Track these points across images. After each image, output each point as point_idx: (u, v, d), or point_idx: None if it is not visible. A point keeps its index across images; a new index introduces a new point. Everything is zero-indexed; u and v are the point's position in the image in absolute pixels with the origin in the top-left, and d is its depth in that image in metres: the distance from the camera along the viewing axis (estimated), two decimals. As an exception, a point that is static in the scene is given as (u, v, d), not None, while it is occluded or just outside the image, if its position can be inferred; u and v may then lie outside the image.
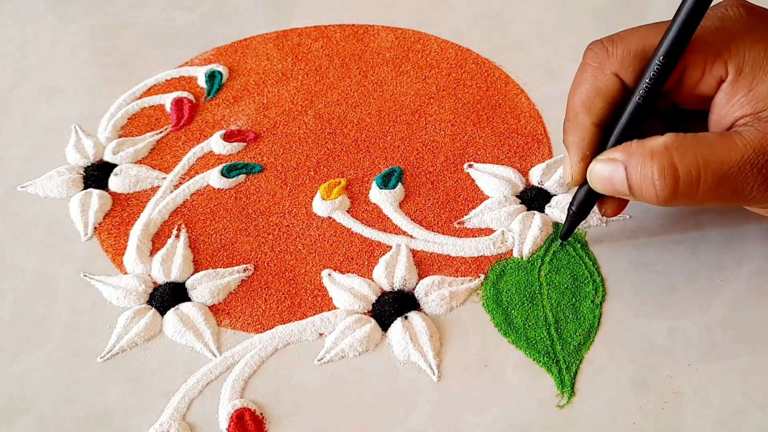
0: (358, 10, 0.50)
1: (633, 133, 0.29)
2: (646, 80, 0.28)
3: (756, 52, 0.27)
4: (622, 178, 0.28)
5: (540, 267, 0.34)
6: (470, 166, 0.39)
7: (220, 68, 0.46)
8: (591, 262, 0.34)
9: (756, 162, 0.27)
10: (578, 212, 0.33)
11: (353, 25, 0.49)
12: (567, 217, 0.33)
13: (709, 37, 0.28)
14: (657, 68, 0.28)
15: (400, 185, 0.39)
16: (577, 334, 0.32)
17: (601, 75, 0.29)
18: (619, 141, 0.29)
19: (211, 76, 0.45)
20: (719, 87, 0.28)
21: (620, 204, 0.32)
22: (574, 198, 0.33)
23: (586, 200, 0.32)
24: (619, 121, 0.30)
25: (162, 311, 0.34)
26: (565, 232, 0.34)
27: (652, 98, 0.29)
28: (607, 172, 0.29)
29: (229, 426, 0.30)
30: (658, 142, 0.27)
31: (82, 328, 0.34)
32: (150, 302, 0.34)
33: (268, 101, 0.44)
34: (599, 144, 0.30)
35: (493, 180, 0.38)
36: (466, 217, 0.37)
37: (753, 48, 0.28)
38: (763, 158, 0.27)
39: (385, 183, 0.39)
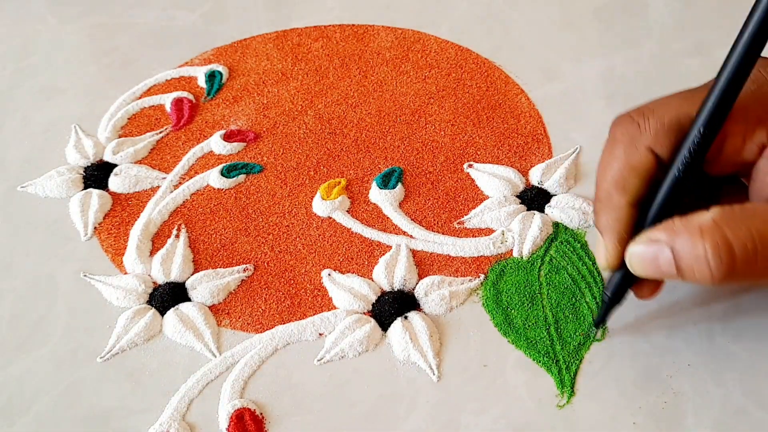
0: (358, 10, 0.50)
1: (672, 210, 0.27)
2: (685, 153, 0.26)
3: None
4: (668, 260, 0.26)
5: (540, 267, 0.34)
6: (470, 166, 0.39)
7: (220, 68, 0.46)
8: (591, 262, 0.34)
9: None
10: (614, 298, 0.30)
11: (353, 25, 0.49)
12: (602, 304, 0.31)
13: (746, 102, 0.26)
14: (697, 140, 0.26)
15: (400, 185, 0.39)
16: (577, 334, 0.32)
17: (634, 151, 0.28)
18: (657, 219, 0.27)
19: (211, 76, 0.45)
20: (761, 153, 0.27)
21: (657, 284, 0.30)
22: (608, 282, 0.30)
23: (623, 284, 0.30)
24: (657, 198, 0.28)
25: (162, 311, 0.34)
26: (599, 320, 0.32)
27: (692, 172, 0.27)
28: (650, 254, 0.27)
29: (229, 426, 0.30)
30: (705, 218, 0.25)
31: (82, 328, 0.34)
32: (150, 302, 0.34)
33: (268, 101, 0.44)
34: (635, 224, 0.28)
35: (493, 180, 0.38)
36: (466, 217, 0.37)
37: None
38: None
39: (385, 183, 0.39)
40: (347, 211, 0.38)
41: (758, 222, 0.25)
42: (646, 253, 0.27)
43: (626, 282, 0.29)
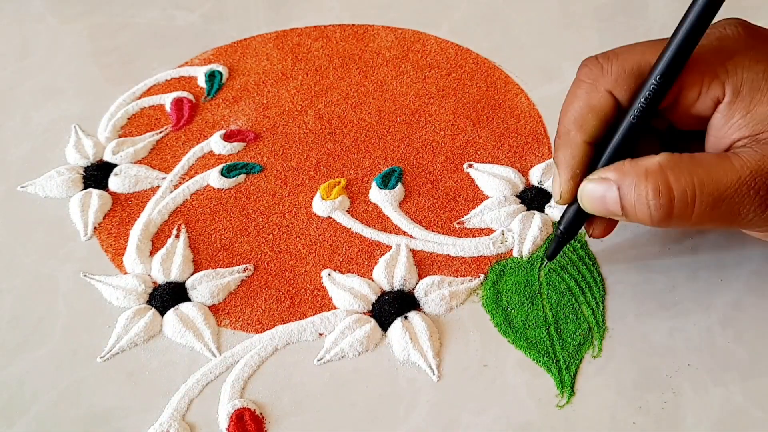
0: (358, 10, 0.50)
1: (626, 152, 0.28)
2: (641, 99, 0.28)
3: (754, 73, 0.27)
4: (614, 198, 0.27)
5: (540, 267, 0.34)
6: (470, 166, 0.39)
7: (220, 68, 0.46)
8: (591, 262, 0.34)
9: (753, 184, 0.26)
10: (566, 232, 0.31)
11: (353, 25, 0.49)
12: (554, 237, 0.32)
13: (706, 56, 0.27)
14: (653, 88, 0.27)
15: (400, 185, 0.39)
16: (577, 334, 0.32)
17: (594, 92, 0.29)
18: (611, 160, 0.28)
19: (211, 76, 0.45)
20: (716, 108, 0.28)
21: (609, 225, 0.31)
22: (561, 218, 0.32)
23: (575, 220, 0.31)
24: (612, 139, 0.29)
25: (162, 311, 0.34)
26: (552, 252, 0.33)
27: (647, 118, 0.28)
28: (599, 191, 0.28)
29: (228, 426, 0.30)
30: (652, 161, 0.27)
31: (82, 328, 0.34)
32: (150, 302, 0.34)
33: (268, 101, 0.44)
34: (591, 163, 0.29)
35: (493, 180, 0.38)
36: (465, 217, 0.37)
37: (751, 69, 0.27)
38: (761, 180, 0.26)
39: (385, 183, 0.39)
40: (347, 211, 0.38)
41: (701, 171, 0.26)
42: (595, 191, 0.28)
43: (579, 218, 0.31)
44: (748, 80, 0.27)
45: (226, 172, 0.40)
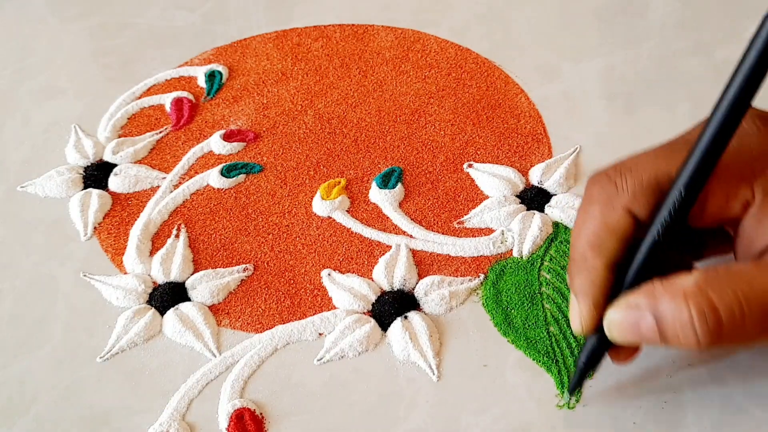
0: (358, 10, 0.50)
1: (650, 272, 0.26)
2: (665, 215, 0.25)
3: None
4: (651, 326, 0.25)
5: (540, 267, 0.34)
6: (470, 165, 0.39)
7: (220, 68, 0.46)
8: (591, 262, 0.34)
9: None
10: (589, 363, 0.29)
11: (353, 25, 0.49)
12: (576, 370, 0.29)
13: (727, 158, 0.25)
14: (677, 202, 0.25)
15: (399, 185, 0.39)
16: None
17: (611, 211, 0.26)
18: (636, 282, 0.26)
19: (211, 76, 0.45)
20: (746, 211, 0.26)
21: (636, 349, 0.29)
22: (583, 347, 0.29)
23: (598, 349, 0.28)
24: (635, 261, 0.26)
25: (162, 311, 0.34)
26: (574, 386, 0.30)
27: (673, 234, 0.25)
28: (631, 320, 0.25)
29: (228, 426, 0.30)
30: (688, 281, 0.24)
31: (82, 328, 0.34)
32: (150, 302, 0.34)
33: (268, 101, 0.44)
34: (612, 287, 0.27)
35: (493, 180, 0.38)
36: (465, 217, 0.37)
37: None
38: None
39: (385, 183, 0.39)
40: (347, 211, 0.38)
41: (743, 285, 0.24)
42: (626, 320, 0.25)
43: (602, 347, 0.28)
44: None
45: (226, 172, 0.40)
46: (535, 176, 0.38)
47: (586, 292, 0.27)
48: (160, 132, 0.43)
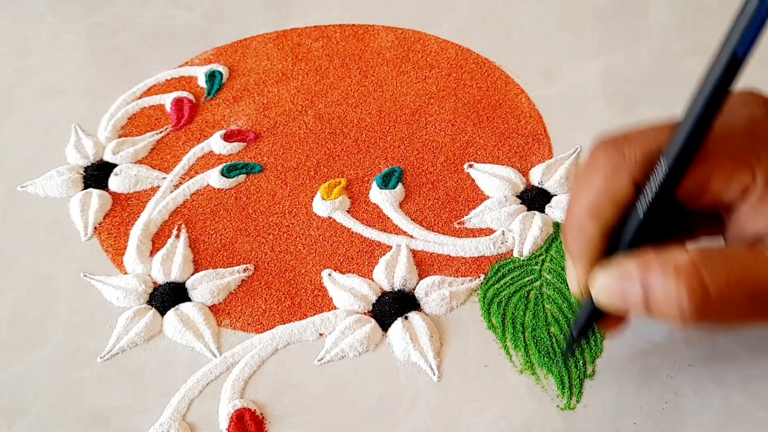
0: (358, 10, 0.50)
1: (641, 242, 0.26)
2: (655, 186, 0.25)
3: None
4: (637, 295, 0.25)
5: (540, 267, 0.34)
6: (470, 166, 0.39)
7: (220, 68, 0.46)
8: (591, 262, 0.34)
9: None
10: (581, 330, 0.29)
11: (353, 25, 0.49)
12: (569, 336, 0.30)
13: (735, 140, 0.25)
14: (664, 176, 0.25)
15: (400, 185, 0.39)
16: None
17: (616, 178, 0.26)
18: (628, 250, 0.26)
19: (211, 76, 0.45)
20: (744, 196, 0.25)
21: (623, 321, 0.29)
22: (576, 319, 0.29)
23: (591, 317, 0.28)
24: (628, 229, 0.26)
25: (162, 311, 0.34)
26: (568, 353, 0.31)
27: (661, 206, 0.26)
28: (618, 286, 0.25)
29: (229, 426, 0.30)
30: (683, 257, 0.24)
31: (82, 328, 0.34)
32: (150, 302, 0.34)
33: (268, 101, 0.44)
34: (605, 251, 0.27)
35: (494, 180, 0.38)
36: (466, 217, 0.37)
37: None
38: None
39: (385, 183, 0.39)
40: (347, 211, 0.38)
41: (737, 268, 0.24)
42: (614, 286, 0.26)
43: (594, 315, 0.28)
44: None
45: (227, 172, 0.40)
46: (536, 176, 0.38)
47: (582, 257, 0.27)
48: (161, 132, 0.43)
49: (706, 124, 0.24)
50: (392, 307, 0.33)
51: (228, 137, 0.42)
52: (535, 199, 0.37)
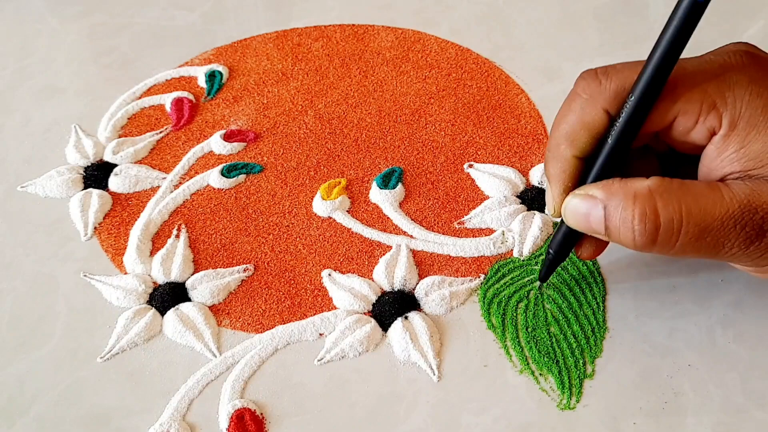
0: (358, 10, 0.50)
1: (613, 170, 0.28)
2: (621, 121, 0.27)
3: (753, 108, 0.26)
4: (599, 217, 0.27)
5: (540, 267, 0.34)
6: (470, 166, 0.39)
7: (220, 68, 0.46)
8: (591, 262, 0.34)
9: (740, 219, 0.25)
10: (557, 254, 0.31)
11: (353, 25, 0.49)
12: (545, 259, 0.32)
13: (706, 85, 0.26)
14: (631, 110, 0.27)
15: (400, 185, 0.39)
16: (578, 333, 0.32)
17: (590, 108, 0.28)
18: (598, 177, 0.28)
19: (211, 76, 0.45)
20: (711, 139, 0.27)
21: (598, 247, 0.31)
22: (552, 238, 0.31)
23: (566, 241, 0.30)
24: (598, 158, 0.28)
25: (162, 311, 0.34)
26: (544, 274, 0.33)
27: (627, 140, 0.27)
28: (584, 208, 0.27)
29: (229, 426, 0.30)
30: (642, 185, 0.26)
31: (82, 328, 0.34)
32: (150, 302, 0.34)
33: (268, 101, 0.44)
34: (581, 176, 0.29)
35: (494, 180, 0.38)
36: (466, 217, 0.37)
37: (751, 103, 0.26)
38: (748, 215, 0.25)
39: (385, 183, 0.39)
40: (347, 211, 0.38)
41: (690, 200, 0.26)
42: (579, 207, 0.28)
43: (570, 238, 0.30)
44: (746, 115, 0.26)
45: (227, 172, 0.40)
46: (536, 176, 0.38)
47: (558, 178, 0.29)
48: (161, 132, 0.43)
49: (670, 63, 0.26)
50: (392, 307, 0.33)
51: (228, 137, 0.42)
52: (535, 199, 0.37)
